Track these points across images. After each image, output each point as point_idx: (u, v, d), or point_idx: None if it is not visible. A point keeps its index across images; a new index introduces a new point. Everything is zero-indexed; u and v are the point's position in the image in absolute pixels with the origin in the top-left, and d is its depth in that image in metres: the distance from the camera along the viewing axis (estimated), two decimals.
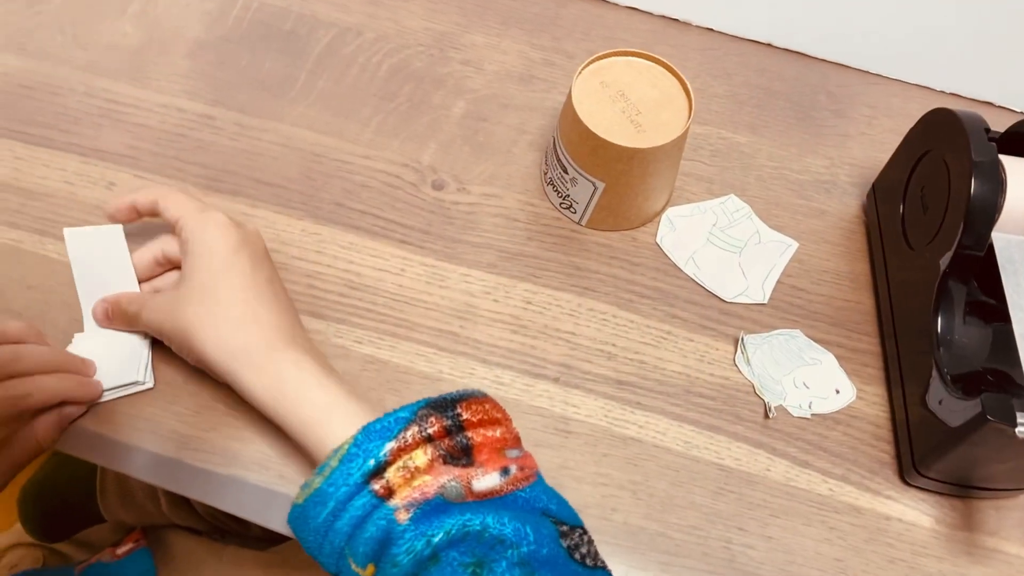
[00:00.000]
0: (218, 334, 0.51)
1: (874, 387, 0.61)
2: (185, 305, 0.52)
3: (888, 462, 0.59)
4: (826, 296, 0.65)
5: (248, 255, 0.54)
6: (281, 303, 0.54)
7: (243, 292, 0.52)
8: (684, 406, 0.59)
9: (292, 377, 0.50)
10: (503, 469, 0.47)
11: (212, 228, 0.53)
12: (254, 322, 0.52)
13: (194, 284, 0.52)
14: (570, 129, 0.61)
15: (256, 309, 0.52)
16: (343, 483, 0.45)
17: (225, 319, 0.51)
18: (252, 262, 0.54)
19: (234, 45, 0.72)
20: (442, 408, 0.47)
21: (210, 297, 0.52)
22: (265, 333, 0.51)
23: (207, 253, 0.53)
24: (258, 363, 0.50)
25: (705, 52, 0.76)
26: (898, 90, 0.75)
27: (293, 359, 0.51)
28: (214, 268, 0.52)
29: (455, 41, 0.74)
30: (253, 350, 0.51)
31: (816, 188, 0.69)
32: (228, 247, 0.53)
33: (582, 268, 0.64)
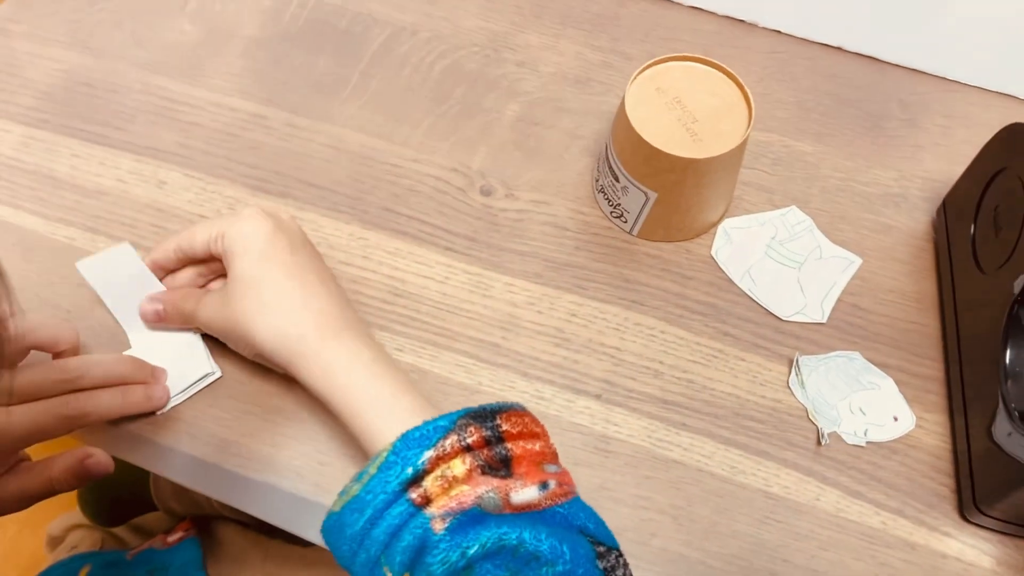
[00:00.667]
0: (268, 324, 0.51)
1: (936, 416, 0.58)
2: (234, 301, 0.52)
3: (947, 496, 0.55)
4: (889, 317, 0.61)
5: (286, 242, 0.53)
6: (328, 287, 0.54)
7: (287, 280, 0.52)
8: (732, 429, 0.57)
9: (343, 367, 0.50)
10: (542, 483, 0.46)
11: (245, 222, 0.53)
12: (303, 309, 0.51)
13: (238, 279, 0.52)
14: (622, 136, 0.59)
15: (303, 295, 0.52)
16: (381, 491, 0.44)
17: (274, 310, 0.51)
18: (291, 248, 0.53)
19: (289, 43, 0.72)
20: (482, 418, 0.46)
21: (254, 289, 0.52)
22: (315, 319, 0.51)
23: (245, 247, 0.52)
24: (312, 351, 0.50)
25: (771, 55, 0.73)
26: (977, 99, 0.71)
27: (347, 347, 0.51)
28: (253, 260, 0.52)
29: (510, 41, 0.73)
30: (305, 338, 0.51)
31: (884, 202, 0.66)
32: (264, 236, 0.52)
33: (631, 280, 0.62)
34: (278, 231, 0.53)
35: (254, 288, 0.52)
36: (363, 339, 0.52)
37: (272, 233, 0.53)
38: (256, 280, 0.52)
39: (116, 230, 0.62)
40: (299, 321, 0.51)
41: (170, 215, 0.63)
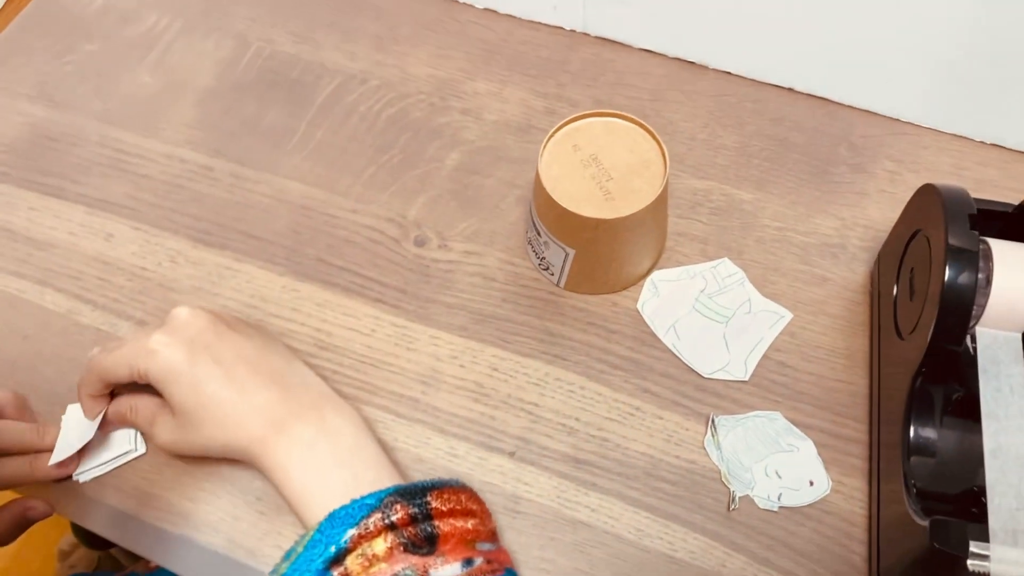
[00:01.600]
0: (218, 441, 0.52)
1: (854, 480, 0.56)
2: (185, 430, 0.53)
3: (858, 565, 0.54)
4: (815, 375, 0.60)
5: (206, 356, 0.52)
6: (263, 373, 0.53)
7: (223, 390, 0.52)
8: (643, 490, 0.57)
9: (295, 463, 0.50)
10: (466, 560, 0.46)
11: (160, 356, 0.52)
12: (246, 413, 0.51)
13: (179, 410, 0.52)
14: (539, 195, 0.59)
15: (242, 399, 0.52)
16: (305, 569, 0.45)
17: (220, 425, 0.52)
18: (214, 357, 0.53)
19: (241, 93, 0.74)
20: (411, 495, 0.47)
21: (197, 414, 0.52)
22: (259, 419, 0.51)
23: (170, 379, 0.52)
24: (262, 453, 0.51)
25: (719, 99, 0.72)
26: (930, 140, 0.69)
27: (294, 439, 0.51)
28: (185, 389, 0.52)
29: (457, 88, 0.73)
30: (252, 444, 0.51)
31: (821, 252, 0.65)
32: (184, 361, 0.52)
33: (555, 334, 0.62)
34: (193, 348, 0.52)
35: (197, 413, 0.52)
36: (311, 419, 0.52)
37: (190, 355, 0.52)
38: (195, 406, 0.52)
39: (64, 283, 0.65)
40: (244, 427, 0.51)
41: (115, 268, 0.66)
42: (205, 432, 0.52)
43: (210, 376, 0.52)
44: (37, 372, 0.62)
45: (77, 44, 0.77)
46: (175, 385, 0.52)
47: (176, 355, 0.52)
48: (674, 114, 0.71)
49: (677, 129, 0.70)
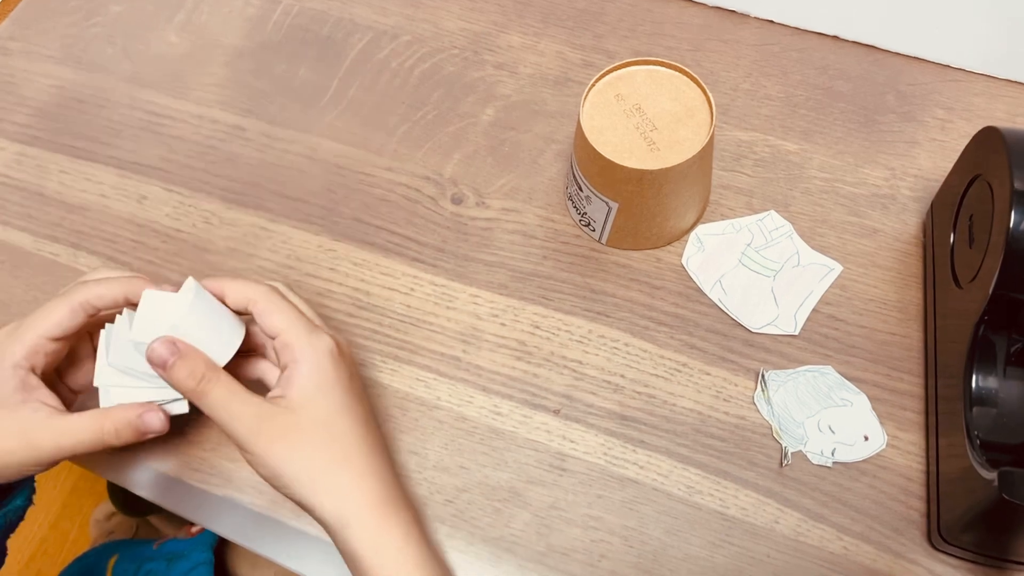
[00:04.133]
0: (328, 486, 0.47)
1: (910, 435, 0.55)
2: (292, 448, 0.46)
3: (916, 521, 0.53)
4: (867, 328, 0.58)
5: (358, 389, 0.49)
6: (381, 446, 0.50)
7: (358, 442, 0.48)
8: (692, 447, 0.56)
9: (395, 548, 0.47)
10: None
11: (325, 357, 0.48)
12: (366, 476, 0.47)
13: (307, 416, 0.47)
14: (580, 147, 0.57)
15: (369, 461, 0.48)
16: None
17: (338, 471, 0.47)
18: (361, 396, 0.49)
19: (271, 52, 0.72)
20: None
21: (321, 437, 0.47)
22: (376, 490, 0.47)
23: (320, 383, 0.47)
24: (366, 526, 0.47)
25: (762, 48, 0.69)
26: (982, 87, 0.66)
27: (401, 527, 0.47)
28: (325, 402, 0.47)
29: (491, 42, 0.71)
30: (362, 511, 0.47)
31: (871, 204, 0.63)
32: (343, 386, 0.48)
33: (597, 291, 0.61)
34: (351, 386, 0.49)
35: (315, 434, 0.47)
36: (412, 516, 0.49)
37: (348, 386, 0.48)
38: (321, 424, 0.47)
39: (98, 246, 0.64)
40: (364, 489, 0.47)
41: (149, 230, 0.65)
42: (309, 457, 0.46)
43: (354, 415, 0.48)
44: None
45: (103, 6, 0.76)
46: (325, 391, 0.47)
47: (343, 371, 0.48)
48: (715, 64, 0.69)
49: (719, 79, 0.68)
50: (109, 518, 1.09)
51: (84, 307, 0.48)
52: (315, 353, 0.47)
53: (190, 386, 0.46)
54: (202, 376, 0.46)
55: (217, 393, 0.46)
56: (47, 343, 0.48)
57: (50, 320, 0.48)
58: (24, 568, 1.38)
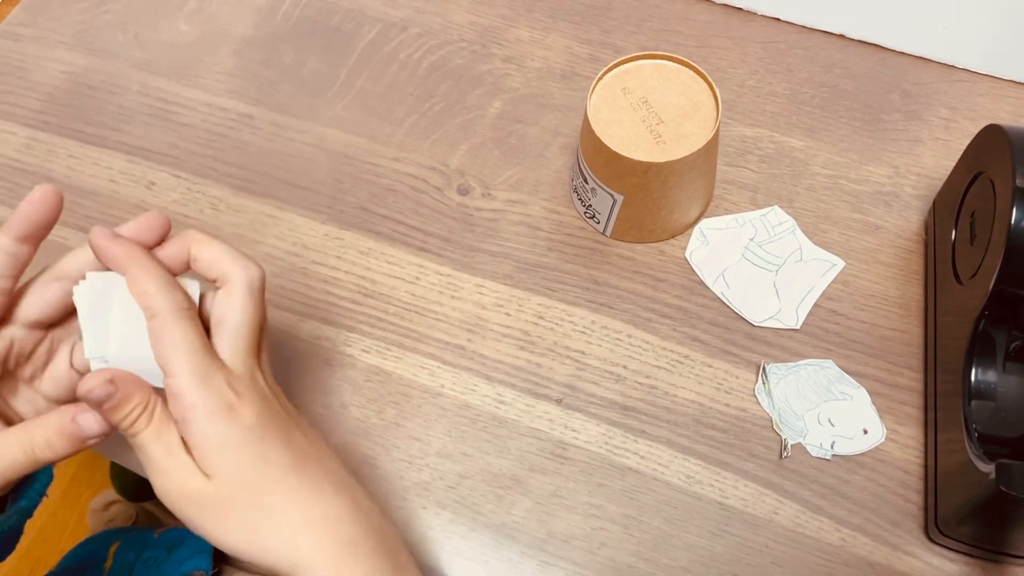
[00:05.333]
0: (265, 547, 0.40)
1: (909, 429, 0.55)
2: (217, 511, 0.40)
3: (914, 514, 0.53)
4: (868, 323, 0.59)
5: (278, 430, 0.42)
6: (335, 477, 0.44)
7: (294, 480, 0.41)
8: (692, 438, 0.56)
9: None
10: None
11: (220, 422, 0.40)
12: (319, 521, 0.41)
13: (223, 482, 0.40)
14: (587, 139, 0.58)
15: (318, 503, 0.42)
16: None
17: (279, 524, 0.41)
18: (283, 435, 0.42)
19: (280, 42, 0.73)
20: None
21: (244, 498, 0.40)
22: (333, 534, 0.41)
23: (228, 436, 0.40)
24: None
25: (768, 45, 0.70)
26: (987, 88, 0.67)
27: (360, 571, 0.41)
28: (243, 457, 0.40)
29: (499, 36, 0.72)
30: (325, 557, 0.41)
31: (874, 200, 0.63)
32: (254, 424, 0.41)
33: (601, 282, 0.61)
34: (269, 412, 0.42)
35: (242, 493, 0.40)
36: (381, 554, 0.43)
37: (262, 416, 0.41)
38: (246, 483, 0.40)
39: None
40: (313, 539, 0.41)
41: None
42: (241, 522, 0.40)
43: (278, 459, 0.41)
44: None
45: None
46: (231, 450, 0.40)
47: (247, 418, 0.40)
48: (721, 60, 0.69)
49: (725, 76, 0.69)
50: (107, 507, 1.09)
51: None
52: (204, 410, 0.39)
53: (121, 428, 0.40)
54: (135, 420, 0.40)
55: (144, 436, 0.40)
56: None
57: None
58: (23, 556, 1.39)
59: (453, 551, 0.54)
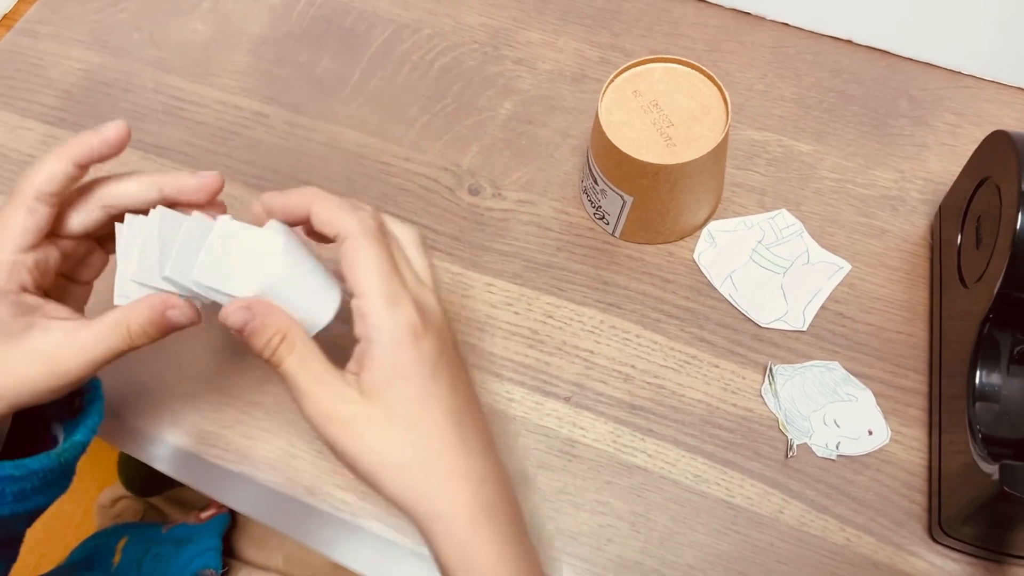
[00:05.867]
0: (411, 484, 0.40)
1: (914, 430, 0.56)
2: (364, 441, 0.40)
3: (918, 515, 0.54)
4: (874, 326, 0.59)
5: (447, 372, 0.42)
6: (485, 437, 0.43)
7: (450, 429, 0.41)
8: (699, 437, 0.57)
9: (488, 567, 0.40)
10: None
11: (405, 344, 0.40)
12: (461, 476, 0.41)
13: (377, 417, 0.40)
14: (598, 141, 0.58)
15: (465, 456, 0.41)
16: None
17: (426, 466, 0.40)
18: (452, 382, 0.42)
19: (294, 42, 0.74)
20: None
21: (404, 432, 0.40)
22: (472, 493, 0.41)
23: (398, 378, 0.40)
24: (456, 536, 0.41)
25: (776, 50, 0.71)
26: (992, 94, 0.67)
27: (497, 540, 0.41)
28: (410, 395, 0.40)
29: (511, 38, 0.73)
30: (455, 518, 0.40)
31: (880, 204, 0.64)
32: (424, 377, 0.41)
33: (610, 283, 0.62)
34: (441, 355, 0.41)
35: (398, 429, 0.40)
36: (514, 530, 0.42)
37: (433, 372, 0.41)
38: (405, 420, 0.40)
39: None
40: (453, 492, 0.40)
41: None
42: (387, 450, 0.40)
43: (442, 403, 0.41)
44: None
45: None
46: (402, 379, 0.40)
47: (426, 351, 0.40)
48: (730, 64, 0.70)
49: (734, 80, 0.69)
50: (115, 503, 1.09)
51: (40, 199, 0.42)
52: (393, 334, 0.40)
53: (265, 356, 0.41)
54: (275, 349, 0.40)
55: (288, 364, 0.40)
56: (25, 256, 0.43)
57: (13, 231, 0.42)
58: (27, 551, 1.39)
59: None
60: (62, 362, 0.42)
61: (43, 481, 0.45)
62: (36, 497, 0.46)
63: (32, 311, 0.43)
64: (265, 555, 0.84)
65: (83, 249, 0.47)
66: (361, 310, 0.40)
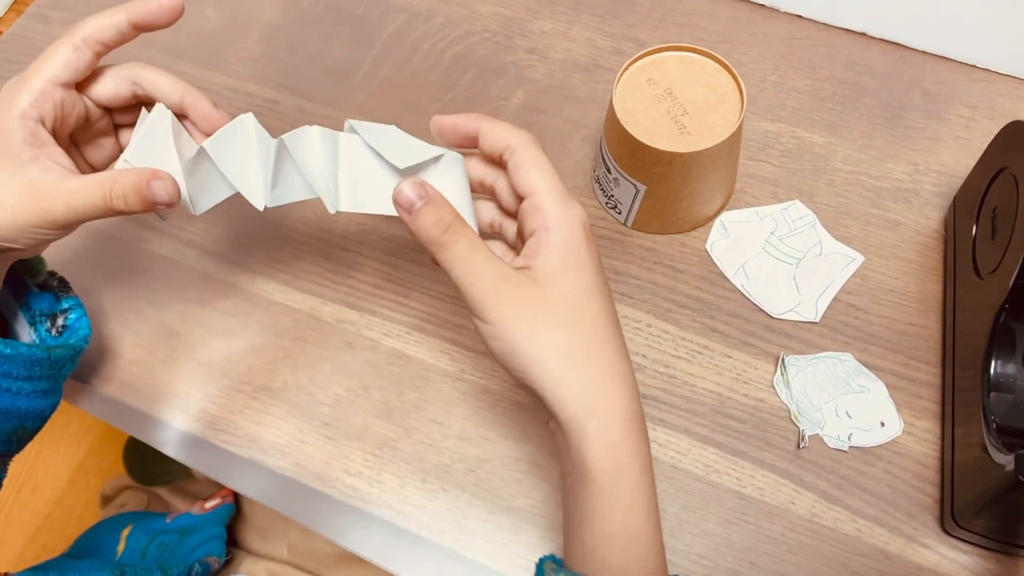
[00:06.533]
0: (570, 386, 0.40)
1: (926, 422, 0.56)
2: (535, 324, 0.40)
3: (930, 506, 0.54)
4: (887, 318, 0.59)
5: (606, 291, 0.43)
6: (626, 351, 0.43)
7: (612, 338, 0.42)
8: (710, 427, 0.56)
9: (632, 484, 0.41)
10: None
11: (580, 235, 0.42)
12: (620, 379, 0.41)
13: (552, 301, 0.41)
14: (611, 129, 0.58)
15: (623, 362, 0.42)
16: None
17: (593, 363, 0.41)
18: (606, 286, 0.43)
19: (307, 29, 0.73)
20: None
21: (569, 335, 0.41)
22: (627, 400, 0.41)
23: (573, 266, 0.41)
24: (607, 440, 0.40)
25: (790, 42, 0.70)
26: (1007, 88, 0.67)
27: (642, 457, 0.41)
28: (581, 285, 0.41)
29: (524, 28, 0.72)
30: (611, 421, 0.40)
31: (894, 197, 0.64)
32: (593, 270, 0.42)
33: (622, 272, 0.62)
34: (601, 267, 0.43)
35: (569, 316, 0.41)
36: (647, 442, 0.43)
37: (599, 267, 0.43)
38: (575, 308, 0.41)
39: None
40: (613, 392, 0.41)
41: None
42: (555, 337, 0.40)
43: (603, 302, 0.42)
44: (106, 299, 0.62)
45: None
46: (578, 267, 0.41)
47: (593, 249, 0.42)
48: (743, 56, 0.70)
49: (747, 71, 0.69)
50: (119, 493, 1.09)
51: (88, 43, 0.45)
52: (569, 223, 0.41)
53: (434, 235, 0.41)
54: (448, 226, 0.41)
55: (461, 247, 0.41)
56: (55, 89, 0.44)
57: (53, 61, 0.44)
58: (28, 542, 1.40)
59: (471, 533, 0.54)
60: (49, 201, 0.43)
61: (29, 373, 0.47)
62: (17, 397, 0.47)
63: (41, 146, 0.44)
64: (269, 545, 0.84)
65: (102, 124, 0.50)
66: (536, 205, 0.42)
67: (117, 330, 0.61)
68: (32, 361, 0.47)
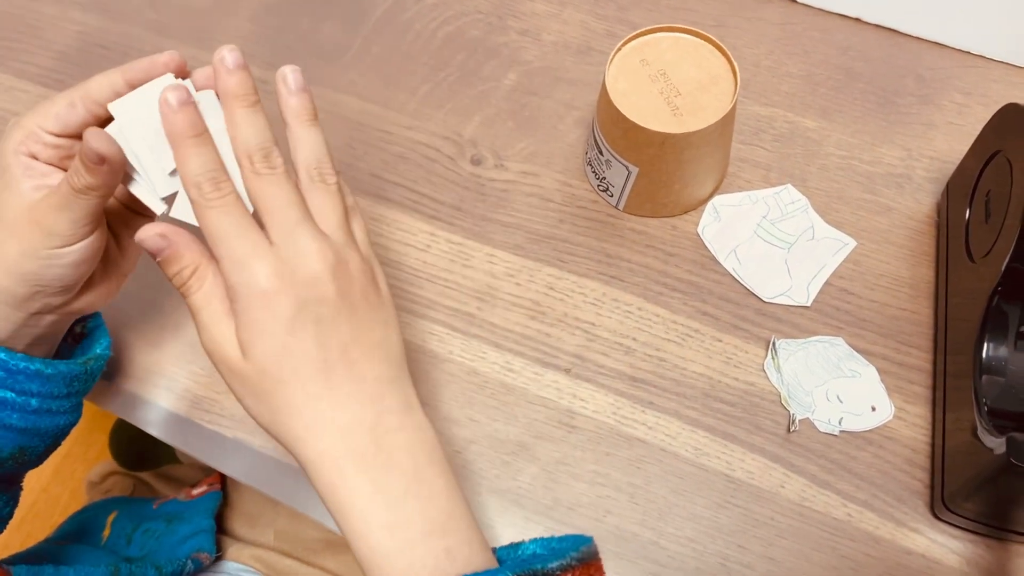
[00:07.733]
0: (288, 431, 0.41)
1: (917, 407, 0.55)
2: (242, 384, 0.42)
3: (920, 491, 0.53)
4: (879, 303, 0.59)
5: (311, 330, 0.41)
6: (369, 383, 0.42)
7: (314, 386, 0.41)
8: (700, 410, 0.56)
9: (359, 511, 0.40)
10: None
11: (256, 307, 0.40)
12: (331, 425, 0.41)
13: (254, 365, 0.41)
14: (604, 109, 0.57)
15: (334, 408, 0.41)
16: None
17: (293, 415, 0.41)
18: (318, 337, 0.41)
19: (297, 8, 0.73)
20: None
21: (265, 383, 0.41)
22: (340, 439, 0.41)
23: (259, 325, 0.40)
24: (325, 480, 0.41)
25: (784, 27, 0.70)
26: (1000, 74, 0.67)
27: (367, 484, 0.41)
28: (269, 348, 0.40)
29: (515, 9, 0.72)
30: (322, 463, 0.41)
31: (886, 182, 0.63)
32: (283, 324, 0.40)
33: (613, 255, 0.61)
34: (305, 311, 0.40)
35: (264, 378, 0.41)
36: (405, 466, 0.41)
37: (293, 319, 0.40)
38: (268, 371, 0.41)
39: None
40: (314, 441, 0.41)
41: None
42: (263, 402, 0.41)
43: (305, 357, 0.41)
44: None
45: None
46: (260, 336, 0.40)
47: (280, 309, 0.40)
48: (737, 40, 0.69)
49: (741, 55, 0.69)
50: (104, 479, 1.08)
51: (84, 101, 0.44)
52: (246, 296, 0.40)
53: (175, 284, 0.42)
54: (187, 280, 0.42)
55: (196, 299, 0.42)
56: (44, 134, 0.44)
57: (48, 111, 0.44)
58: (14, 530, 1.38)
59: None
60: (49, 219, 0.43)
61: (69, 390, 0.48)
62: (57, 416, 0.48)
63: (42, 176, 0.44)
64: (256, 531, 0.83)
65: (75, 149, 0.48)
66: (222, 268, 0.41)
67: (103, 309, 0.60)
68: (71, 377, 0.48)
